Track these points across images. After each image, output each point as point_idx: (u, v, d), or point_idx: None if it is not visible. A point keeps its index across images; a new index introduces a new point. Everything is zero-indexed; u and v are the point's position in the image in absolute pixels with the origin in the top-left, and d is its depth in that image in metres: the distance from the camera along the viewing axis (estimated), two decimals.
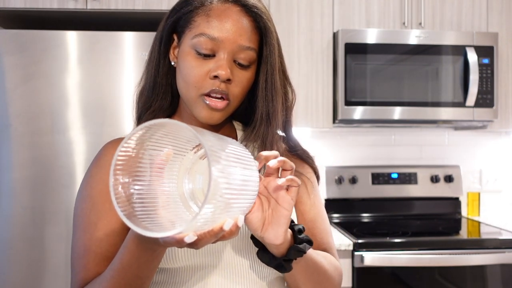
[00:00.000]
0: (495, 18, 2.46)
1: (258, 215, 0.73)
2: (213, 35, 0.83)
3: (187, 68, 0.85)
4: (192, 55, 0.85)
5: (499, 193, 2.82)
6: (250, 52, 0.86)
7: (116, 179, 0.62)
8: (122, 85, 1.95)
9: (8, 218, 1.92)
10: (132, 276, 0.75)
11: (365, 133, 2.74)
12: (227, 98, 0.85)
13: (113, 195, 0.61)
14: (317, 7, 2.38)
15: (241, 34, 0.85)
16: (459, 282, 2.08)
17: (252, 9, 0.86)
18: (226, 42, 0.84)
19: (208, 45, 0.84)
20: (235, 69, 0.85)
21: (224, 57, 0.84)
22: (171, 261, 0.84)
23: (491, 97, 2.36)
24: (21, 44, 1.92)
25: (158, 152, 0.66)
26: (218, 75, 0.83)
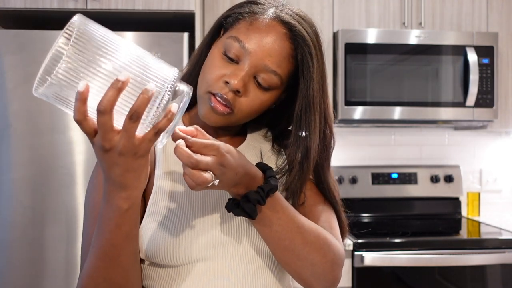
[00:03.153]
0: (495, 18, 2.46)
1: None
2: (244, 44, 0.83)
3: (209, 63, 0.86)
4: (220, 54, 0.85)
5: (499, 193, 2.82)
6: (274, 77, 0.84)
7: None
8: None
9: (8, 218, 1.92)
10: (107, 245, 0.74)
11: (365, 133, 2.74)
12: (231, 108, 0.84)
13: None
14: (317, 7, 2.38)
15: (271, 55, 0.83)
16: (459, 282, 2.08)
17: (296, 37, 0.84)
18: (253, 56, 0.82)
19: (236, 51, 0.83)
20: (251, 85, 0.84)
21: (244, 68, 0.83)
22: (169, 258, 0.83)
23: (491, 97, 2.36)
24: (21, 44, 1.92)
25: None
26: (229, 82, 0.82)
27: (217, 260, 0.85)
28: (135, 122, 0.62)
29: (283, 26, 0.84)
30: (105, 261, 0.75)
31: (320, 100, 0.87)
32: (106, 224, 0.72)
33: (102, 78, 0.63)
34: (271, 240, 0.81)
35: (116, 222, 0.72)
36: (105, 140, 0.63)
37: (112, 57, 0.63)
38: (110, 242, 0.73)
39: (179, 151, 0.68)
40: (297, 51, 0.85)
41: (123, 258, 0.75)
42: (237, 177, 0.74)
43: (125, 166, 0.66)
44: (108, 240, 0.73)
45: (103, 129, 0.63)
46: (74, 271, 1.92)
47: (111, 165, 0.66)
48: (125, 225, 0.72)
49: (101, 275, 0.76)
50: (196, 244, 0.84)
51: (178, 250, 0.83)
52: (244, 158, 0.76)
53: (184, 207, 0.86)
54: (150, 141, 0.65)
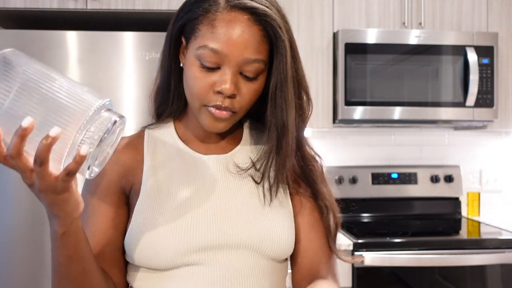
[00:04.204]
0: (495, 18, 2.46)
1: None
2: (217, 49, 0.80)
3: (191, 78, 0.84)
4: (197, 66, 0.83)
5: (499, 193, 2.82)
6: (258, 64, 0.82)
7: None
8: (122, 85, 1.95)
9: (8, 219, 1.92)
10: (56, 263, 0.77)
11: (365, 133, 2.74)
12: (233, 110, 0.84)
13: None
14: (317, 7, 2.38)
15: (247, 47, 0.80)
16: (459, 282, 2.08)
17: (261, 16, 0.81)
18: (231, 56, 0.80)
19: (212, 58, 0.81)
20: (241, 82, 0.83)
21: (228, 71, 0.81)
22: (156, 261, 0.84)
23: (491, 97, 2.36)
24: (21, 44, 1.92)
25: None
26: (222, 91, 0.81)
27: (204, 265, 0.84)
28: (41, 166, 0.62)
29: (243, 12, 0.81)
30: (57, 276, 0.79)
31: (293, 70, 0.85)
32: (51, 245, 0.76)
33: (9, 119, 0.63)
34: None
35: (57, 245, 0.75)
36: (25, 178, 0.65)
37: (24, 100, 0.63)
38: (57, 261, 0.77)
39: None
40: (267, 30, 0.82)
41: (72, 275, 0.78)
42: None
43: (47, 200, 0.67)
44: (55, 259, 0.77)
45: (18, 169, 0.64)
46: None
47: (38, 197, 0.68)
48: (65, 248, 0.75)
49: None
50: (182, 248, 0.83)
51: (163, 254, 0.83)
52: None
53: (170, 213, 0.85)
54: (65, 181, 0.65)
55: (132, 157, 0.92)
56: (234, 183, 0.90)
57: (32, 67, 0.66)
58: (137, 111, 1.95)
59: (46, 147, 0.61)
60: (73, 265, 0.77)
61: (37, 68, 0.66)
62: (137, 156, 0.92)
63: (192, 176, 0.89)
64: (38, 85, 0.64)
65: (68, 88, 0.65)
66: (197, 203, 0.87)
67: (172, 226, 0.84)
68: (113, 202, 0.89)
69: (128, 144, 0.93)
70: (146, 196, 0.87)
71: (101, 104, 0.66)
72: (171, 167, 0.90)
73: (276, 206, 0.90)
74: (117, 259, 0.89)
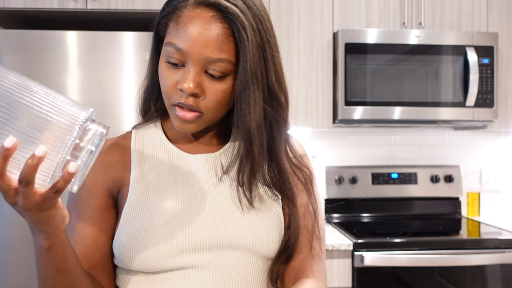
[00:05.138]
0: (495, 18, 2.46)
1: None
2: (178, 46, 0.78)
3: (160, 76, 0.83)
4: (165, 63, 0.82)
5: (499, 193, 2.82)
6: (222, 64, 0.78)
7: None
8: (122, 85, 1.95)
9: (8, 218, 1.92)
10: (43, 275, 0.77)
11: (365, 133, 2.74)
12: (198, 110, 0.81)
13: None
14: (317, 7, 2.38)
15: (207, 46, 0.77)
16: (459, 282, 2.08)
17: (226, 14, 0.77)
18: (192, 54, 0.78)
19: (175, 55, 0.79)
20: (206, 81, 0.80)
21: (191, 69, 0.79)
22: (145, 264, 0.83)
23: (491, 97, 2.36)
24: (21, 44, 1.92)
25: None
26: (182, 89, 0.79)
27: (197, 267, 0.83)
28: (26, 186, 0.60)
29: (208, 9, 0.78)
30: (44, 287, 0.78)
31: (261, 73, 0.80)
32: (36, 258, 0.75)
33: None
34: None
35: (43, 258, 0.74)
36: (7, 197, 0.63)
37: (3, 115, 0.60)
38: (44, 273, 0.76)
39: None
40: (233, 28, 0.78)
41: (60, 285, 0.77)
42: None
43: (32, 218, 0.66)
44: (42, 272, 0.76)
45: (1, 189, 0.62)
46: None
47: (21, 215, 0.66)
48: (52, 260, 0.74)
49: None
50: (173, 251, 0.82)
51: (155, 257, 0.82)
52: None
53: (158, 215, 0.85)
54: (52, 198, 0.63)
55: (119, 159, 0.90)
56: (220, 184, 0.89)
57: (8, 78, 0.61)
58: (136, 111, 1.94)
59: (32, 167, 0.58)
60: (61, 277, 0.76)
61: (14, 80, 0.61)
62: (124, 157, 0.91)
63: (181, 177, 0.88)
64: (17, 98, 0.60)
65: (50, 100, 0.62)
66: (186, 205, 0.86)
67: (163, 228, 0.83)
68: (101, 205, 0.88)
69: (114, 146, 0.92)
70: (135, 199, 0.86)
71: (86, 117, 0.63)
72: (159, 168, 0.89)
73: (259, 209, 0.87)
74: (107, 263, 0.89)
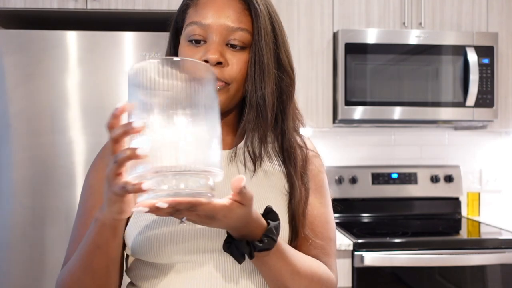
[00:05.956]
0: (495, 18, 2.46)
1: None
2: (200, 21, 0.85)
3: (182, 56, 0.87)
4: (186, 45, 0.87)
5: (499, 193, 2.82)
6: (242, 33, 0.85)
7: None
8: (122, 85, 1.95)
9: (8, 218, 1.92)
10: (83, 252, 0.79)
11: (365, 133, 2.74)
12: (224, 81, 0.85)
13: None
14: (317, 7, 2.38)
15: (228, 16, 0.85)
16: (459, 282, 2.08)
17: None
18: (214, 26, 0.84)
19: (197, 31, 0.85)
20: (228, 52, 0.85)
21: (213, 40, 0.84)
22: (159, 256, 0.84)
23: (491, 97, 2.36)
24: (21, 44, 1.92)
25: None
26: (208, 59, 0.83)
27: (201, 264, 0.84)
28: (115, 163, 0.65)
29: None
30: (81, 264, 0.81)
31: (274, 45, 0.88)
32: (89, 230, 0.78)
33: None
34: (264, 275, 0.83)
35: (92, 228, 0.77)
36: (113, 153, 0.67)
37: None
38: (85, 249, 0.79)
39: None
40: (248, 4, 0.86)
41: (95, 267, 0.79)
42: (237, 226, 0.74)
43: (105, 189, 0.70)
44: (85, 246, 0.79)
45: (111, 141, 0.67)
46: None
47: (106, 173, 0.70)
48: (97, 236, 0.77)
49: (75, 274, 0.82)
50: (181, 246, 0.83)
51: (163, 248, 0.83)
52: (252, 212, 0.74)
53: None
54: (118, 186, 0.66)
55: None
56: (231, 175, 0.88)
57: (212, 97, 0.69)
58: None
59: (129, 156, 0.63)
60: (98, 257, 0.78)
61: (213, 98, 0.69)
62: None
63: None
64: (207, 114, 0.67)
65: (211, 135, 0.67)
66: None
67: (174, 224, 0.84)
68: None
69: None
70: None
71: (209, 170, 0.66)
72: None
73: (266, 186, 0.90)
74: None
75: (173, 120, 0.65)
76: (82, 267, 0.80)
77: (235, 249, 0.76)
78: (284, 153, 0.92)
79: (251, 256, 0.75)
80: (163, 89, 0.66)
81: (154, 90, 0.66)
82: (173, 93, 0.66)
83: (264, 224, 0.77)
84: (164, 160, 0.63)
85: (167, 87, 0.66)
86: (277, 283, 0.82)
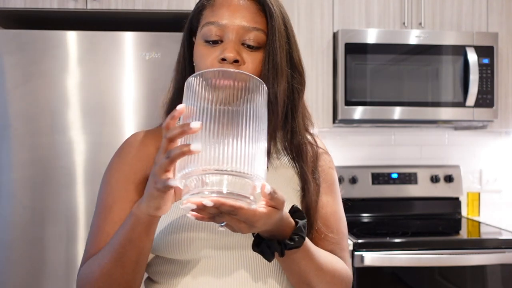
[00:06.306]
0: (495, 18, 2.46)
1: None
2: (217, 21, 0.87)
3: (198, 57, 0.89)
4: (202, 45, 0.89)
5: (499, 193, 2.82)
6: (258, 33, 0.88)
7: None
8: (122, 85, 1.95)
9: (8, 218, 1.92)
10: (116, 243, 0.80)
11: (365, 133, 2.74)
12: None
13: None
14: (317, 7, 2.38)
15: (244, 16, 0.88)
16: (459, 282, 2.08)
17: None
18: (230, 26, 0.87)
19: (213, 31, 0.88)
20: (244, 52, 0.88)
21: (230, 39, 0.87)
22: (177, 253, 0.86)
23: (491, 97, 2.36)
24: (21, 44, 1.92)
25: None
26: (225, 57, 0.85)
27: (223, 259, 0.87)
28: (167, 158, 0.67)
29: None
30: (113, 257, 0.81)
31: (286, 45, 0.91)
32: (124, 223, 0.81)
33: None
34: (289, 272, 0.86)
35: (127, 222, 0.79)
36: (158, 155, 0.71)
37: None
38: (118, 242, 0.80)
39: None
40: (263, 5, 0.89)
41: (127, 259, 0.80)
42: (272, 229, 0.77)
43: (148, 184, 0.73)
44: (118, 238, 0.81)
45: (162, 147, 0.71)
46: (74, 271, 1.92)
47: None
48: (131, 230, 0.79)
49: (106, 266, 0.82)
50: (203, 241, 0.86)
51: (187, 244, 0.86)
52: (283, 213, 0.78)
53: None
54: (163, 181, 0.68)
55: (153, 150, 0.94)
56: None
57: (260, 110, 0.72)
58: (136, 111, 1.95)
59: (180, 152, 0.66)
60: (130, 251, 0.80)
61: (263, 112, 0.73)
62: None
63: None
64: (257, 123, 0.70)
65: (258, 145, 0.70)
66: None
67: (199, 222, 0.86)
68: (138, 190, 0.91)
69: (149, 137, 0.96)
70: None
71: (253, 175, 0.68)
72: None
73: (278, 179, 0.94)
74: None
75: (224, 126, 0.68)
76: (113, 260, 0.81)
77: (266, 248, 0.78)
78: (294, 149, 0.95)
79: (282, 254, 0.78)
80: (217, 98, 0.69)
81: (207, 99, 0.69)
82: (226, 101, 0.69)
83: (293, 223, 0.79)
84: (210, 161, 0.66)
85: (221, 96, 0.69)
86: (301, 279, 0.85)
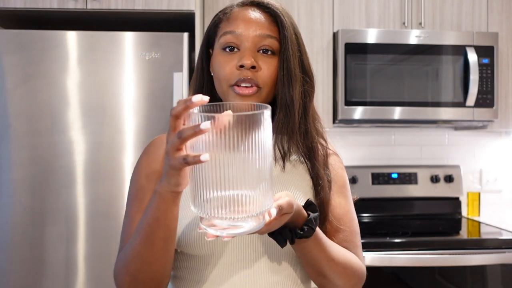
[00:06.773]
0: (495, 18, 2.46)
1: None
2: (234, 31, 0.95)
3: (217, 66, 0.96)
4: (220, 54, 0.96)
5: (499, 193, 2.82)
6: (272, 40, 0.95)
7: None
8: (122, 85, 1.95)
9: (8, 218, 1.92)
10: (144, 224, 0.83)
11: (365, 133, 2.74)
12: (256, 85, 0.94)
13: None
14: (317, 7, 2.38)
15: (259, 24, 0.95)
16: (459, 282, 2.08)
17: (268, 6, 0.98)
18: (246, 35, 0.94)
19: (231, 40, 0.95)
20: (260, 58, 0.95)
21: (246, 47, 0.94)
22: (197, 248, 0.91)
23: (491, 97, 2.36)
24: (21, 44, 1.92)
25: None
26: (243, 64, 0.92)
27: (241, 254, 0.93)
28: (179, 138, 0.69)
29: (252, 6, 0.98)
30: (143, 236, 0.84)
31: (298, 52, 0.98)
32: (148, 203, 0.84)
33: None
34: (304, 262, 0.93)
35: (153, 201, 0.81)
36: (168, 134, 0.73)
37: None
38: (146, 221, 0.83)
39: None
40: (275, 16, 0.97)
41: (155, 238, 0.84)
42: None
43: (165, 163, 0.75)
44: (145, 219, 0.83)
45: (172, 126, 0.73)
46: (74, 271, 1.92)
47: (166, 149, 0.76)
48: (157, 209, 0.81)
49: (136, 248, 0.85)
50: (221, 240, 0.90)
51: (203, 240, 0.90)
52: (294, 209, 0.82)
53: None
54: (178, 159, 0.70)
55: None
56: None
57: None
58: (136, 111, 1.95)
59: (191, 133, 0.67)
60: (157, 229, 0.83)
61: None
62: None
63: None
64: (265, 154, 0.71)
65: (269, 180, 0.72)
66: None
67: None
68: None
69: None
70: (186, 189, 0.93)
71: (261, 210, 0.71)
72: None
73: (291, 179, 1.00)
74: None
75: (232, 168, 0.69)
76: (142, 240, 0.84)
77: (278, 235, 0.84)
78: (307, 149, 1.01)
79: (292, 242, 0.85)
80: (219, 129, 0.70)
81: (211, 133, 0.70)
82: (227, 133, 0.70)
83: (305, 215, 0.86)
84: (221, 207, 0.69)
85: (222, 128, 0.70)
86: (314, 267, 0.92)
